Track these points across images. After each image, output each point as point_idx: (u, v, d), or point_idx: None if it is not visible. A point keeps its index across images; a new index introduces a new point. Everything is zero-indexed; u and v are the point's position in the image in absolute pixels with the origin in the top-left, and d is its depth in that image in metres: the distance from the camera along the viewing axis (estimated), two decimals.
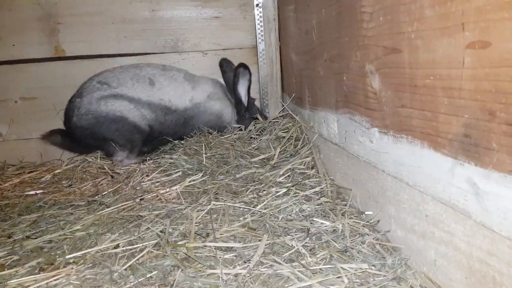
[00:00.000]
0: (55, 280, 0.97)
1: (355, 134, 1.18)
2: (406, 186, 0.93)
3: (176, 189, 1.49)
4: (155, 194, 1.48)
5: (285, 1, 1.99)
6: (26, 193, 1.58)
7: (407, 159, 0.90)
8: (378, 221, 1.12)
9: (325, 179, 1.45)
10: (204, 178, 1.59)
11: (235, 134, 2.04)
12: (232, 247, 1.10)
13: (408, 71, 0.84)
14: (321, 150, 1.57)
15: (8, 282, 0.96)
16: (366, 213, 1.18)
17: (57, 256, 1.08)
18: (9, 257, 1.10)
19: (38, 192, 1.58)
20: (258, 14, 2.20)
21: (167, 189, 1.51)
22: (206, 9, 2.24)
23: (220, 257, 1.05)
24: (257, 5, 2.19)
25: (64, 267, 1.03)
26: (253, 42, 2.25)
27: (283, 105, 2.15)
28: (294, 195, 1.37)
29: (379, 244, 1.05)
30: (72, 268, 1.01)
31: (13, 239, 1.20)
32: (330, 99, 1.36)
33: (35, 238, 1.19)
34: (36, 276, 0.99)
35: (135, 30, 2.19)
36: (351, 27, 1.12)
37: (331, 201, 1.30)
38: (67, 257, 1.06)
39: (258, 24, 2.20)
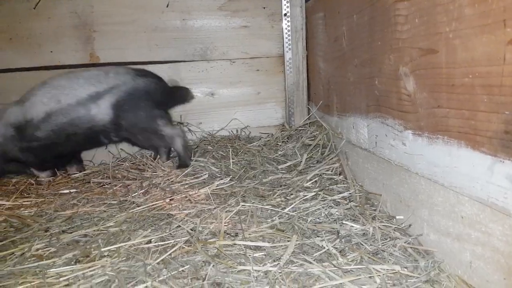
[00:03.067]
0: (91, 271, 1.00)
1: (386, 138, 1.18)
2: (441, 187, 0.92)
3: (205, 191, 1.51)
4: (184, 195, 1.51)
5: (314, 10, 2.02)
6: (60, 192, 1.63)
7: (442, 160, 0.90)
8: (410, 225, 1.11)
9: (354, 185, 1.45)
10: (231, 182, 1.61)
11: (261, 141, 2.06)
12: (261, 246, 1.11)
13: (445, 71, 0.84)
14: (349, 156, 1.57)
15: (47, 271, 1.00)
16: (397, 217, 1.17)
17: (92, 249, 1.11)
18: (46, 248, 1.14)
19: (72, 191, 1.63)
20: (285, 24, 2.23)
21: (196, 191, 1.54)
22: (234, 19, 2.29)
23: (249, 255, 1.06)
24: (285, 14, 2.23)
25: (99, 259, 1.05)
26: (280, 51, 2.28)
27: (309, 113, 2.17)
28: (322, 199, 1.37)
29: (411, 247, 1.04)
30: (107, 261, 1.04)
31: (50, 233, 1.24)
32: (360, 104, 1.36)
33: (71, 233, 1.23)
34: (73, 266, 1.02)
35: (166, 38, 2.26)
36: (384, 31, 1.13)
37: (360, 205, 1.30)
38: (102, 250, 1.09)
39: (286, 33, 2.24)
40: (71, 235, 1.21)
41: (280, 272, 0.96)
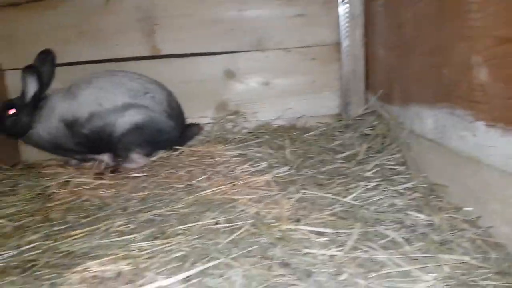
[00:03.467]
0: (168, 246, 1.09)
1: (454, 129, 1.17)
2: None
3: (266, 178, 1.56)
4: (245, 181, 1.57)
5: None
6: (132, 175, 1.75)
7: None
8: (479, 217, 1.09)
9: (417, 176, 1.43)
10: (290, 171, 1.65)
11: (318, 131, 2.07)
12: (324, 232, 1.14)
13: None
14: (411, 146, 1.55)
15: (130, 245, 1.10)
16: (465, 209, 1.15)
17: (167, 228, 1.20)
18: (126, 225, 1.25)
19: (141, 175, 1.75)
20: (343, 10, 2.21)
21: (256, 178, 1.59)
22: (290, 8, 2.30)
23: (313, 240, 1.10)
24: (342, 1, 2.20)
25: (174, 237, 1.14)
26: (337, 38, 2.26)
27: (367, 102, 2.15)
28: (384, 189, 1.37)
29: (481, 239, 1.03)
30: (181, 238, 1.12)
31: (128, 212, 1.36)
32: (426, 93, 1.34)
33: (146, 212, 1.34)
34: (151, 242, 1.12)
35: (223, 29, 2.31)
36: (454, 19, 1.11)
37: (424, 196, 1.29)
38: (176, 228, 1.18)
39: (343, 20, 2.21)
40: (147, 214, 1.31)
41: (345, 257, 0.99)
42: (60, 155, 2.10)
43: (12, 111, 1.95)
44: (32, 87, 1.94)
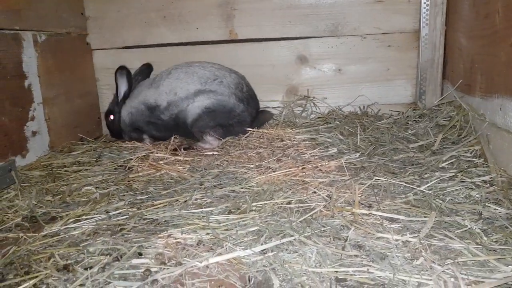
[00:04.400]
0: (243, 221, 1.16)
1: None
2: None
3: (336, 163, 1.59)
4: (315, 165, 1.60)
5: None
6: (205, 153, 1.86)
7: None
8: None
9: (496, 169, 1.38)
10: (361, 157, 1.65)
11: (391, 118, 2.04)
12: (397, 219, 1.15)
13: None
14: (491, 139, 1.49)
15: (208, 217, 1.18)
16: None
17: (241, 204, 1.28)
18: (203, 199, 1.34)
19: (214, 153, 1.85)
20: None
21: (326, 162, 1.62)
22: None
23: (386, 225, 1.12)
24: None
25: (248, 212, 1.21)
26: (416, 26, 2.19)
27: (443, 92, 2.07)
28: (461, 181, 1.34)
29: None
30: (255, 214, 1.19)
31: (204, 187, 1.45)
32: None
33: (221, 188, 1.42)
34: (228, 216, 1.20)
35: (299, 15, 2.33)
36: None
37: (503, 190, 1.24)
38: (251, 204, 1.25)
39: (424, 7, 2.14)
40: (222, 190, 1.40)
41: (420, 243, 1.00)
42: (133, 139, 2.26)
43: (111, 117, 2.21)
44: (123, 87, 2.15)
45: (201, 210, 1.25)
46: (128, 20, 2.44)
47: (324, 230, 1.09)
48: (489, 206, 1.15)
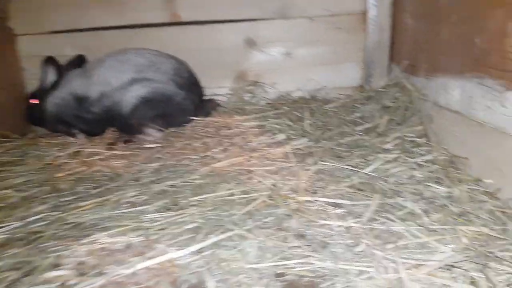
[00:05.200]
0: (181, 218, 1.08)
1: (482, 99, 1.11)
2: None
3: (283, 149, 1.54)
4: (262, 153, 1.55)
5: None
6: (145, 146, 1.75)
7: None
8: (499, 189, 1.05)
9: (438, 148, 1.38)
10: (308, 143, 1.62)
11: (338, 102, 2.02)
12: (341, 203, 1.12)
13: None
14: (434, 119, 1.49)
15: (141, 217, 1.09)
16: (485, 180, 1.11)
17: (180, 199, 1.19)
18: (139, 196, 1.24)
19: (155, 145, 1.74)
20: None
21: (273, 150, 1.57)
22: None
23: (330, 211, 1.08)
24: None
25: (187, 208, 1.14)
26: (363, 7, 2.16)
27: (390, 74, 2.07)
28: (404, 161, 1.33)
29: (500, 211, 0.99)
30: (195, 209, 1.12)
31: (140, 182, 1.35)
32: (454, 64, 1.28)
33: (159, 183, 1.33)
34: (164, 213, 1.11)
35: None
36: None
37: (444, 168, 1.25)
38: (190, 199, 1.17)
39: None
40: (160, 185, 1.31)
41: (362, 228, 0.97)
42: (58, 131, 2.05)
43: (33, 101, 1.99)
44: (51, 76, 1.96)
45: (134, 209, 1.15)
46: (57, 3, 2.21)
47: (266, 222, 1.05)
48: (430, 186, 1.14)
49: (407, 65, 1.84)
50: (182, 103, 1.93)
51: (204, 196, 1.20)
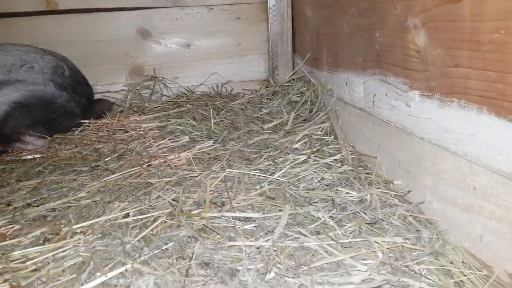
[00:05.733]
0: (62, 251, 0.89)
1: (386, 98, 1.08)
2: (451, 155, 0.84)
3: (187, 155, 1.40)
4: (163, 160, 1.39)
5: None
6: (23, 157, 1.47)
7: (456, 126, 0.81)
8: (409, 191, 1.04)
9: (345, 146, 1.36)
10: (214, 145, 1.50)
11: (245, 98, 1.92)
12: (251, 217, 1.02)
13: (469, 24, 0.73)
14: (340, 115, 1.47)
15: (11, 254, 0.88)
16: (395, 182, 1.10)
17: (62, 226, 0.99)
18: (10, 226, 1.01)
19: (36, 156, 1.48)
20: None
21: (176, 155, 1.42)
22: None
23: (239, 227, 0.98)
24: None
25: (71, 237, 0.94)
26: None
27: (295, 67, 2.03)
28: (314, 162, 1.28)
29: (411, 216, 0.98)
30: (79, 239, 0.93)
31: (13, 207, 1.11)
32: (356, 59, 1.24)
33: (37, 206, 1.10)
34: (41, 247, 0.91)
35: None
36: None
37: (354, 169, 1.22)
38: (73, 227, 0.97)
39: None
40: (38, 209, 1.08)
41: (274, 248, 0.88)
42: None
43: None
44: None
45: (1, 244, 0.93)
46: None
47: (166, 249, 0.90)
48: (341, 191, 1.10)
49: (310, 58, 1.80)
50: (66, 106, 1.66)
51: (91, 221, 1.01)
